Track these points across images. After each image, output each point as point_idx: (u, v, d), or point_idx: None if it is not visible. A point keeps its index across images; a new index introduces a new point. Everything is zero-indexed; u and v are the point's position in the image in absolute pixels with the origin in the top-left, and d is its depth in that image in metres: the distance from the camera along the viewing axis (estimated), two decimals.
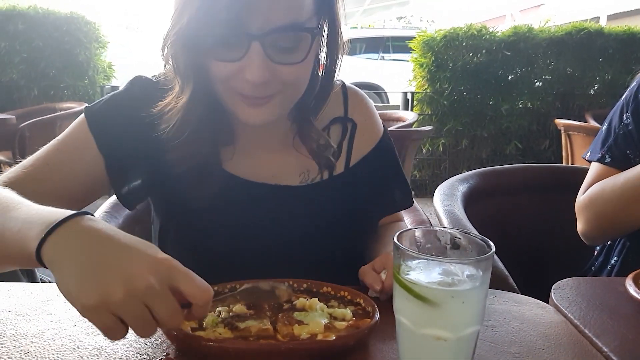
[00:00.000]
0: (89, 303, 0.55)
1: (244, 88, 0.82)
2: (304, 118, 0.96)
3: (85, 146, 0.90)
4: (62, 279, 0.58)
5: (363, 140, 1.06)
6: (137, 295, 0.55)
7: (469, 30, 5.12)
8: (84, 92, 5.35)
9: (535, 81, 5.37)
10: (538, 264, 1.42)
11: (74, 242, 0.60)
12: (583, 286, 0.90)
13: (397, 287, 0.60)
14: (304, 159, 0.99)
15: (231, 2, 0.75)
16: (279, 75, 0.81)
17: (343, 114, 1.05)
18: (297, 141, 0.98)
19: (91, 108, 0.94)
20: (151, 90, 0.92)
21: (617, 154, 1.21)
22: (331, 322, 0.71)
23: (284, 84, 0.83)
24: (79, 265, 0.57)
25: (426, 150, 5.44)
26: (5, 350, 0.66)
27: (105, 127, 0.91)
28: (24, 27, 5.00)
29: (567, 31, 5.19)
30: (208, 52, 0.80)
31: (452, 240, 0.63)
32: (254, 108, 0.84)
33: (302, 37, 0.82)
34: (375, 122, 1.09)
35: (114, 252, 0.58)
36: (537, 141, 5.46)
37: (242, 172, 0.96)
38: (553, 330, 0.76)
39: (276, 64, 0.80)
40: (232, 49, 0.79)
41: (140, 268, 0.56)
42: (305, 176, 0.99)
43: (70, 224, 0.61)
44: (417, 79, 5.40)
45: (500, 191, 1.54)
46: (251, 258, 0.92)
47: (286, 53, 0.81)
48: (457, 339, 0.57)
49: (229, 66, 0.80)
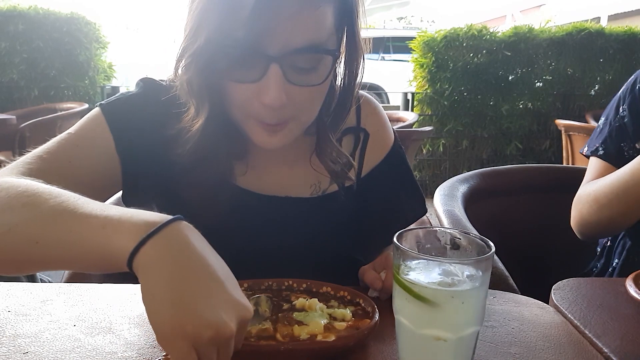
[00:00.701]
0: (174, 331, 0.53)
1: (260, 113, 0.79)
2: (322, 135, 0.94)
3: (103, 144, 0.86)
4: (152, 292, 0.55)
5: (374, 150, 1.04)
6: (219, 343, 0.54)
7: (469, 30, 5.12)
8: (84, 92, 5.36)
9: (536, 81, 5.37)
10: (538, 265, 1.42)
11: (170, 254, 0.57)
12: (583, 287, 0.90)
13: (397, 288, 0.59)
14: (315, 171, 0.96)
15: (250, 22, 0.71)
16: (295, 97, 0.79)
17: (355, 124, 1.03)
18: (314, 158, 0.95)
19: (109, 107, 0.89)
20: (164, 96, 0.87)
21: (610, 147, 1.21)
22: (331, 323, 0.71)
23: (298, 109, 0.81)
24: (172, 286, 0.55)
25: (426, 151, 5.44)
26: (5, 350, 0.66)
27: (125, 130, 0.87)
28: (24, 28, 5.01)
29: (568, 31, 5.20)
30: (224, 73, 0.78)
31: (452, 240, 0.63)
32: (268, 135, 0.83)
33: (321, 58, 0.79)
34: (387, 132, 1.06)
35: (208, 284, 0.56)
36: (537, 141, 5.46)
37: (252, 186, 0.94)
38: (553, 330, 0.76)
39: (294, 86, 0.77)
40: (250, 71, 0.76)
41: (229, 315, 0.55)
42: (316, 188, 0.97)
43: (170, 230, 0.58)
44: (417, 80, 5.40)
45: (500, 191, 1.54)
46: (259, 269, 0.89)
47: (305, 74, 0.78)
48: (457, 339, 0.57)
49: (245, 88, 0.78)
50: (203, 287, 0.56)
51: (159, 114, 0.87)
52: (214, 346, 0.54)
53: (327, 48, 0.79)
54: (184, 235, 0.59)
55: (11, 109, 4.75)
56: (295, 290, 0.81)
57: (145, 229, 0.58)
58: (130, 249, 0.57)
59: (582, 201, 1.20)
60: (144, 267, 0.56)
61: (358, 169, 1.01)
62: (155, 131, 0.87)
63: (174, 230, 0.58)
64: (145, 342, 0.69)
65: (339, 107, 0.93)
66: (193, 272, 0.56)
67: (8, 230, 0.64)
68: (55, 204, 0.64)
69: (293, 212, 0.95)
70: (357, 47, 0.86)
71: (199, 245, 0.59)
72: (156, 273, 0.56)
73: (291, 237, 0.93)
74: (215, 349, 0.55)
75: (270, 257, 0.89)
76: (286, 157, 0.96)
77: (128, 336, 0.70)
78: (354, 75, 0.89)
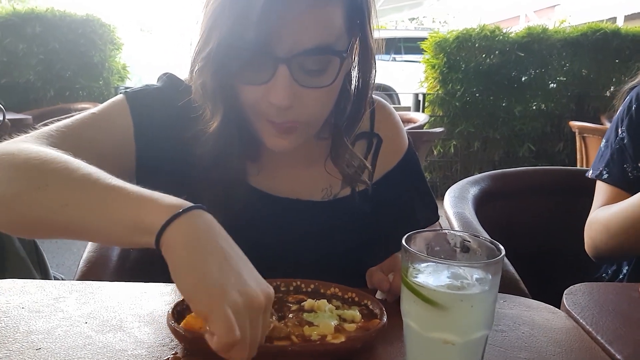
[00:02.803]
0: (212, 298, 0.54)
1: (270, 113, 0.81)
2: (337, 138, 0.94)
3: (123, 128, 0.87)
4: (187, 263, 0.57)
5: (387, 155, 1.04)
6: (252, 312, 0.55)
7: (482, 31, 5.09)
8: (98, 93, 5.41)
9: (550, 83, 5.32)
10: (550, 269, 1.41)
11: (200, 231, 0.60)
12: (595, 291, 0.89)
13: (405, 290, 0.59)
14: (327, 175, 0.96)
15: (259, 24, 0.73)
16: (304, 100, 0.80)
17: (369, 129, 1.02)
18: (328, 161, 0.95)
19: (133, 95, 0.90)
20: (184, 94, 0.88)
21: (614, 170, 1.22)
22: (341, 324, 0.71)
23: (308, 111, 0.82)
24: (204, 258, 0.57)
25: (437, 152, 5.41)
26: (18, 346, 0.67)
27: (145, 118, 0.89)
28: (41, 30, 5.07)
29: (583, 32, 5.14)
30: (236, 76, 0.80)
31: (462, 243, 0.63)
32: (279, 137, 0.84)
33: (330, 59, 0.80)
34: (400, 137, 1.06)
35: (236, 260, 0.59)
36: (550, 143, 5.41)
37: (264, 186, 0.94)
38: (564, 336, 0.75)
39: (303, 88, 0.79)
40: (260, 73, 0.77)
41: (257, 289, 0.57)
42: (328, 192, 0.98)
43: (198, 213, 0.61)
44: (428, 80, 5.38)
45: (512, 194, 1.53)
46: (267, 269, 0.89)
47: (314, 76, 0.79)
48: (465, 343, 0.57)
49: (256, 90, 0.79)
50: (232, 261, 0.58)
51: (178, 113, 0.88)
52: (247, 316, 0.55)
53: (335, 49, 0.79)
54: (210, 219, 0.62)
55: (27, 109, 4.80)
56: (303, 291, 0.81)
57: (176, 208, 0.60)
58: (161, 224, 0.59)
59: (593, 228, 1.22)
60: (174, 242, 0.58)
61: (370, 174, 1.01)
62: (173, 128, 0.88)
63: (201, 214, 0.61)
64: (155, 340, 0.69)
65: (354, 111, 0.93)
66: (222, 248, 0.59)
67: (38, 188, 0.66)
68: (86, 172, 0.66)
69: (303, 214, 0.96)
70: (370, 49, 0.86)
71: (222, 229, 0.62)
72: (187, 247, 0.58)
73: (300, 239, 0.94)
74: (248, 320, 0.55)
75: (278, 258, 0.89)
76: (299, 160, 0.96)
77: (138, 334, 0.71)
78: (368, 77, 0.90)
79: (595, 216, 1.22)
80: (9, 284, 0.87)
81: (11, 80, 5.18)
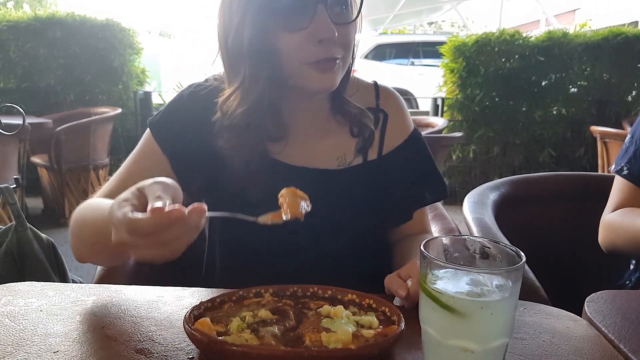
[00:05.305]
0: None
1: (317, 53, 0.90)
2: (337, 94, 1.04)
3: (153, 151, 1.01)
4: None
5: (395, 131, 1.11)
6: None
7: (501, 35, 5.05)
8: (117, 97, 5.48)
9: (570, 87, 5.26)
10: (571, 276, 1.38)
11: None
12: (618, 299, 0.87)
13: (423, 297, 0.59)
14: (341, 143, 1.06)
15: None
16: (338, 36, 0.90)
17: (375, 105, 1.12)
18: (338, 117, 1.06)
19: (153, 120, 1.05)
20: (201, 92, 1.02)
21: (635, 167, 1.21)
22: (358, 330, 0.70)
23: (343, 46, 0.93)
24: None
25: (456, 157, 5.37)
26: (36, 349, 0.67)
27: (166, 132, 1.02)
28: (61, 34, 5.15)
29: (604, 36, 5.08)
30: (278, 26, 0.89)
31: (482, 249, 0.62)
32: (324, 73, 0.92)
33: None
34: (406, 116, 1.15)
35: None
36: (571, 149, 5.34)
37: (285, 158, 1.03)
38: (586, 344, 0.74)
39: (336, 25, 0.89)
40: (301, 17, 0.88)
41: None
42: (342, 160, 1.06)
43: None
44: (447, 85, 5.35)
45: (532, 200, 1.51)
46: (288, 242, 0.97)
47: (342, 14, 0.92)
48: (484, 351, 0.56)
49: (300, 35, 0.89)
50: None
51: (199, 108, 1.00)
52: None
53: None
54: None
55: (48, 112, 4.88)
56: (320, 297, 0.81)
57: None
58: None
59: (608, 228, 1.22)
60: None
61: (379, 146, 1.10)
62: (195, 123, 1.00)
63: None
64: (172, 344, 0.69)
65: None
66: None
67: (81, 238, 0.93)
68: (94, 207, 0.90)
69: (320, 182, 1.02)
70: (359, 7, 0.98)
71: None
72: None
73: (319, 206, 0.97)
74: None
75: (298, 225, 0.94)
76: (316, 130, 1.06)
77: (155, 338, 0.71)
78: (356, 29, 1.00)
79: (614, 217, 1.20)
80: (28, 287, 0.88)
81: (32, 85, 5.29)
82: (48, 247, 1.51)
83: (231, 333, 0.69)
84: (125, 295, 0.86)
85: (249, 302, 0.78)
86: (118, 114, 4.63)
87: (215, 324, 0.70)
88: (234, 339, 0.67)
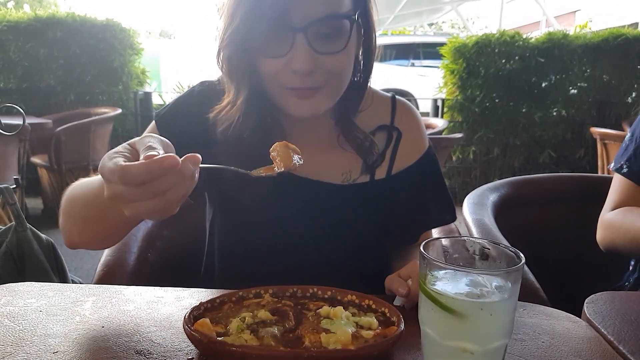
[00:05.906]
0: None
1: (292, 81, 0.88)
2: (345, 116, 1.01)
3: None
4: None
5: (407, 150, 1.08)
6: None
7: (501, 36, 5.05)
8: (117, 97, 5.48)
9: (570, 88, 5.26)
10: (570, 277, 1.38)
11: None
12: (617, 300, 0.87)
13: (422, 298, 0.59)
14: (347, 160, 1.03)
15: (275, 1, 0.83)
16: (324, 66, 0.87)
17: (389, 123, 1.08)
18: (342, 139, 1.02)
19: (159, 113, 1.04)
20: (211, 92, 1.01)
21: (634, 166, 1.21)
22: (358, 331, 0.70)
23: (329, 74, 0.89)
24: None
25: (456, 158, 5.37)
26: (36, 349, 0.67)
27: (170, 126, 1.00)
28: (62, 35, 5.15)
29: (604, 37, 5.08)
30: (258, 50, 0.88)
31: (481, 250, 0.62)
32: (302, 100, 0.91)
33: (341, 26, 0.88)
34: (421, 135, 1.10)
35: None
36: (571, 150, 5.34)
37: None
38: (585, 345, 0.74)
39: (320, 55, 0.86)
40: (279, 44, 0.86)
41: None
42: (347, 176, 1.03)
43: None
44: (447, 86, 5.35)
45: (532, 201, 1.51)
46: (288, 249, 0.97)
47: (328, 43, 0.87)
48: (484, 352, 0.56)
49: (277, 61, 0.87)
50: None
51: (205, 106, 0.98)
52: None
53: (345, 14, 0.88)
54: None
55: (48, 113, 4.89)
56: (319, 297, 0.81)
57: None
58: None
59: (607, 227, 1.22)
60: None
61: (389, 165, 1.06)
62: (201, 120, 0.98)
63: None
64: (171, 344, 0.69)
65: (358, 88, 1.00)
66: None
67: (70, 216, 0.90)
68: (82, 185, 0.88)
69: (323, 196, 1.00)
70: (371, 30, 0.96)
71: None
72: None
73: (319, 220, 0.99)
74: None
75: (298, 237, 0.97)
76: (319, 144, 1.03)
77: (154, 338, 0.71)
78: (369, 57, 0.98)
79: (615, 216, 1.20)
80: (27, 287, 0.88)
81: (32, 85, 5.29)
82: (48, 247, 1.51)
83: (231, 334, 0.69)
84: (125, 295, 0.86)
85: (248, 302, 0.78)
86: (118, 115, 4.64)
87: (215, 324, 0.70)
88: (234, 340, 0.67)
